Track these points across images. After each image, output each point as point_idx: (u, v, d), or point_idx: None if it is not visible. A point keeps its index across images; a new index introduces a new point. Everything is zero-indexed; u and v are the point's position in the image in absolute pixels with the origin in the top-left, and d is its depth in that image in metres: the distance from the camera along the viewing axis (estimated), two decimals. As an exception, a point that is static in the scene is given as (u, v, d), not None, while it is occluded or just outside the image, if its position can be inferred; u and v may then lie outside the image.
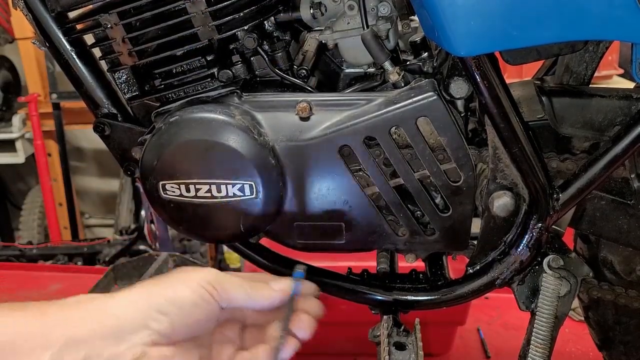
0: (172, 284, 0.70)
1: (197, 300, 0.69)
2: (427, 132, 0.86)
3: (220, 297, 0.71)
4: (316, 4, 0.93)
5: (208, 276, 0.71)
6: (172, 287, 0.69)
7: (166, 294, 0.68)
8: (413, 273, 1.02)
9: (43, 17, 0.91)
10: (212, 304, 0.70)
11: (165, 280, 0.71)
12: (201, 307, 0.69)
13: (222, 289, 0.71)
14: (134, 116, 0.98)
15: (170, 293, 0.68)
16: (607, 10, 0.72)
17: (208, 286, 0.70)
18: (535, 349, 0.89)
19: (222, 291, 0.71)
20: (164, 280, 0.70)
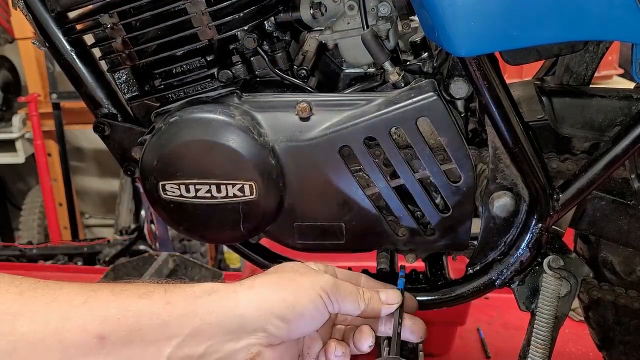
0: (295, 290, 0.70)
1: (314, 311, 0.70)
2: (427, 133, 0.86)
3: (333, 308, 0.72)
4: (316, 4, 0.93)
5: (326, 285, 0.72)
6: (294, 294, 0.70)
7: (287, 300, 0.69)
8: (413, 273, 1.02)
9: (43, 17, 0.91)
10: (326, 315, 0.72)
11: (288, 282, 0.71)
12: (316, 317, 0.71)
13: (337, 299, 0.72)
14: (134, 116, 0.98)
15: (291, 300, 0.69)
16: (607, 10, 0.72)
17: (325, 296, 0.71)
18: (535, 349, 0.89)
19: (336, 302, 0.72)
20: (287, 282, 0.71)
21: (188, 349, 0.65)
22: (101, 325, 0.61)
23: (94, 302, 0.63)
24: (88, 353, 0.60)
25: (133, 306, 0.64)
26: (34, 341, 0.59)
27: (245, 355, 0.67)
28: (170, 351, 0.64)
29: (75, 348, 0.60)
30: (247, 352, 0.67)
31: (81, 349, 0.60)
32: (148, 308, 0.64)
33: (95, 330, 0.61)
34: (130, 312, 0.63)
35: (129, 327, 0.62)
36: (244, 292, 0.69)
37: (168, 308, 0.65)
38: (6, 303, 0.60)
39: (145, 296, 0.65)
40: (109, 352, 0.61)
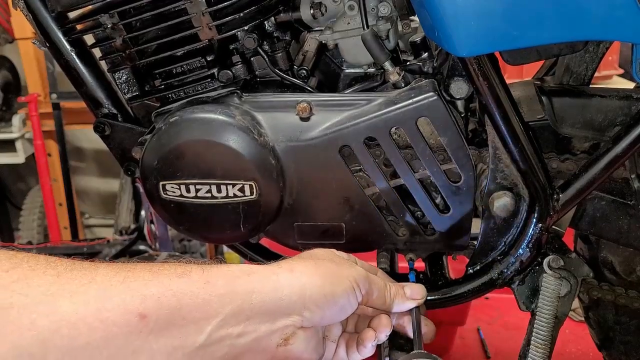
0: (332, 279, 0.72)
1: (346, 302, 0.72)
2: (428, 133, 0.86)
3: (363, 301, 0.74)
4: (316, 4, 0.93)
5: (360, 278, 0.74)
6: (332, 284, 0.71)
7: (325, 289, 0.70)
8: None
9: (43, 17, 0.91)
10: (355, 306, 0.73)
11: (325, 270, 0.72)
12: (347, 308, 0.72)
13: (367, 293, 0.74)
14: (134, 116, 0.98)
15: (328, 289, 0.70)
16: (607, 10, 0.72)
17: (358, 289, 0.73)
18: (535, 350, 0.89)
19: (367, 295, 0.74)
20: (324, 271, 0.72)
21: (227, 328, 0.65)
22: (142, 304, 0.61)
23: (132, 282, 0.63)
24: (130, 332, 0.60)
25: (173, 285, 0.64)
26: (75, 320, 0.58)
27: (280, 336, 0.69)
28: (210, 329, 0.64)
29: (117, 327, 0.60)
30: (282, 334, 0.69)
31: (123, 328, 0.60)
32: (188, 287, 0.64)
33: (137, 309, 0.61)
34: (171, 291, 0.63)
35: (170, 306, 0.62)
36: (284, 274, 0.70)
37: (207, 287, 0.65)
38: (45, 285, 0.60)
39: (184, 275, 0.65)
40: (152, 330, 0.61)
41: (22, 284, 0.59)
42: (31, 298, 0.58)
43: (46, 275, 0.61)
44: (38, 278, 0.60)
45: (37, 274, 0.61)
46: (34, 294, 0.58)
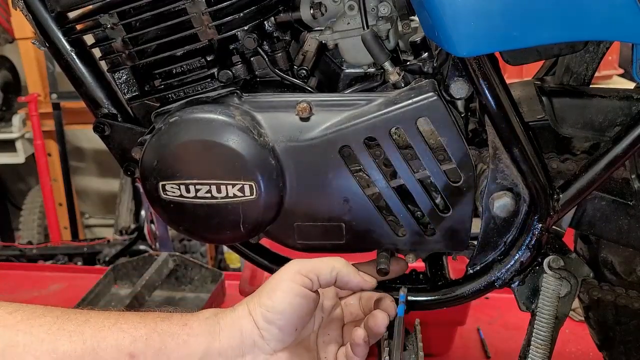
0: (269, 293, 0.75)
1: (292, 299, 0.74)
2: (427, 133, 0.86)
3: (312, 285, 0.76)
4: (316, 4, 0.93)
5: (296, 267, 0.77)
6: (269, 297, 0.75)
7: (266, 304, 0.74)
8: (413, 273, 1.02)
9: (43, 17, 0.91)
10: (310, 295, 0.75)
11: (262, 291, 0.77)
12: (299, 303, 0.74)
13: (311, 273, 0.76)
14: (134, 116, 0.98)
15: (268, 303, 0.74)
16: (607, 10, 0.72)
17: (299, 278, 0.75)
18: (535, 350, 0.89)
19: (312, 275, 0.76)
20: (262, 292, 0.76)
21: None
22: (132, 345, 0.68)
23: (123, 324, 0.69)
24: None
25: (158, 327, 0.70)
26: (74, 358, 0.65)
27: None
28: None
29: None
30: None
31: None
32: (170, 328, 0.71)
33: (127, 349, 0.67)
34: (156, 332, 0.69)
35: (156, 347, 0.69)
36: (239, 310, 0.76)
37: (186, 329, 0.72)
38: (46, 325, 0.66)
39: (166, 319, 0.72)
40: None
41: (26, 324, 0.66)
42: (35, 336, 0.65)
43: (46, 317, 0.67)
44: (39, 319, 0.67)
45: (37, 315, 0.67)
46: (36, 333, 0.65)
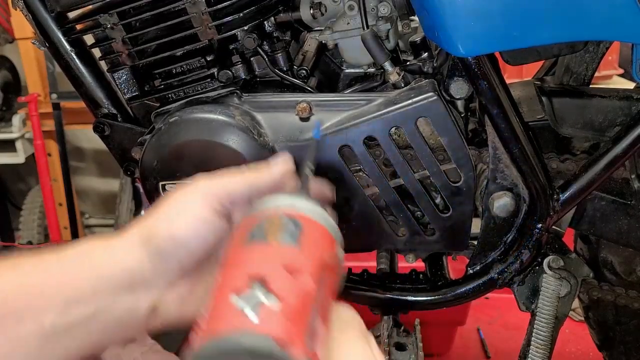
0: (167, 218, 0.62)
1: (199, 227, 0.61)
2: (427, 133, 0.86)
3: (222, 207, 0.62)
4: (316, 4, 0.93)
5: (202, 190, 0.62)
6: (168, 223, 0.61)
7: (163, 235, 0.61)
8: (413, 273, 1.02)
9: (43, 17, 0.91)
10: (216, 223, 0.61)
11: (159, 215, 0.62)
12: (206, 231, 0.61)
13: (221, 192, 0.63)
14: (134, 116, 0.98)
15: (166, 233, 0.61)
16: (607, 10, 0.72)
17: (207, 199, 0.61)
18: (535, 350, 0.89)
19: (222, 194, 0.62)
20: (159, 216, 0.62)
21: (73, 315, 0.59)
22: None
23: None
24: None
25: None
26: None
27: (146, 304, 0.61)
28: (51, 321, 0.58)
29: None
30: (147, 302, 0.61)
31: None
32: (16, 280, 0.59)
33: None
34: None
35: None
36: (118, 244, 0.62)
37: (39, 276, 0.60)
38: None
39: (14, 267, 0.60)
40: None
41: None
42: None
43: None
44: None
45: None
46: None
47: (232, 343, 0.37)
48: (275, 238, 0.45)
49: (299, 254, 0.44)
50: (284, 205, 0.50)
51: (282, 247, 0.45)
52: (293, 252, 0.44)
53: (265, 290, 0.40)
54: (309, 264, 0.44)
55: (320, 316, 0.42)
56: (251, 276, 0.41)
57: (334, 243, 0.49)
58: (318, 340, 0.41)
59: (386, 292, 0.98)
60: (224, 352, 0.37)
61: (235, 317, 0.39)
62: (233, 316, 0.39)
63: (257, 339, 0.37)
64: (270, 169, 0.67)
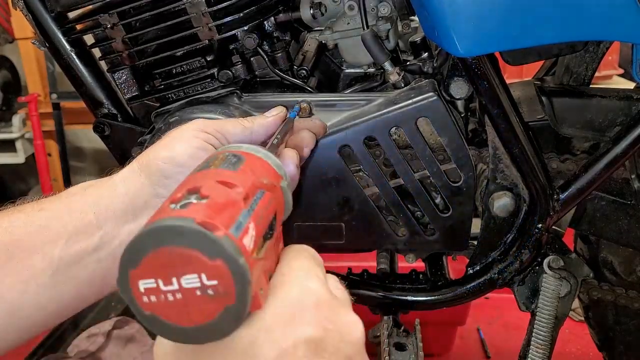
0: (166, 145, 0.66)
1: (195, 152, 0.64)
2: (427, 133, 0.86)
3: (218, 142, 0.67)
4: (316, 4, 0.93)
5: (197, 125, 0.67)
6: (166, 148, 0.65)
7: (162, 156, 0.64)
8: (413, 273, 1.02)
9: (43, 17, 0.91)
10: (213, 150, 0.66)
11: (158, 144, 0.67)
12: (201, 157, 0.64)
13: (215, 130, 0.67)
14: (134, 116, 0.98)
15: (165, 154, 0.64)
16: (607, 10, 0.72)
17: (201, 134, 0.66)
18: (535, 350, 0.89)
19: (216, 133, 0.67)
20: (157, 145, 0.67)
21: (79, 244, 0.62)
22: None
23: None
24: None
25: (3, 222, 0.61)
26: None
27: None
28: (59, 252, 0.61)
29: None
30: None
31: None
32: (20, 220, 0.61)
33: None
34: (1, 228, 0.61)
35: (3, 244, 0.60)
36: (118, 175, 0.66)
37: (42, 214, 0.62)
38: None
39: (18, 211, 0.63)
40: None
41: None
42: None
43: None
44: None
45: None
46: None
47: (155, 225, 0.40)
48: (215, 166, 0.50)
49: (235, 174, 0.49)
50: (234, 147, 0.56)
51: (219, 170, 0.49)
52: (229, 173, 0.49)
53: (198, 196, 0.44)
54: (244, 182, 0.47)
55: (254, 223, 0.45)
56: (188, 189, 0.45)
57: (276, 175, 0.54)
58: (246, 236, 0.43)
59: (386, 292, 0.98)
60: (148, 234, 0.40)
61: (166, 212, 0.42)
62: (165, 212, 0.42)
63: (178, 220, 0.40)
64: (263, 118, 0.74)
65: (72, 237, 0.62)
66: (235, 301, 0.41)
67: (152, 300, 0.41)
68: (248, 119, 0.72)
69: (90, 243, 0.62)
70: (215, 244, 0.40)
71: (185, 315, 0.41)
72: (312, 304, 0.46)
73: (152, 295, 0.41)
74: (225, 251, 0.40)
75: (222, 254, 0.40)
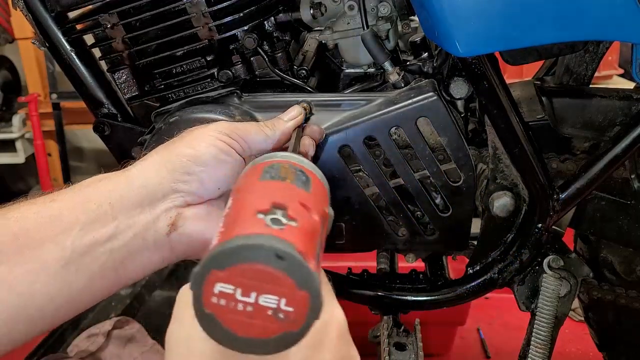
0: (190, 142, 0.66)
1: (218, 153, 0.65)
2: (427, 133, 0.86)
3: (240, 147, 0.68)
4: (316, 4, 0.93)
5: (221, 128, 0.68)
6: (190, 146, 0.66)
7: (186, 153, 0.65)
8: (413, 273, 1.02)
9: (43, 17, 0.91)
10: (234, 156, 0.67)
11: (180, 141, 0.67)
12: (224, 160, 0.66)
13: (239, 137, 0.68)
14: (134, 116, 0.98)
15: (190, 152, 0.65)
16: (607, 10, 0.72)
17: (225, 137, 0.67)
18: (535, 350, 0.89)
19: (240, 140, 0.68)
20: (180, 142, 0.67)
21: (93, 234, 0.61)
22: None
23: None
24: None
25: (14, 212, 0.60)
26: None
27: (166, 221, 0.64)
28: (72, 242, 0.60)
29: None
30: (167, 218, 0.64)
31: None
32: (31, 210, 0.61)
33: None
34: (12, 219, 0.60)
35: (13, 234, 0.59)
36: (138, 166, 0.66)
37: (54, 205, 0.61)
38: None
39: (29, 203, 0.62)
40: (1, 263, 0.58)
41: None
42: None
43: None
44: None
45: None
46: None
47: (258, 240, 0.41)
48: (291, 180, 0.51)
49: (309, 196, 0.50)
50: (294, 159, 0.56)
51: (298, 188, 0.50)
52: (307, 194, 0.50)
53: (286, 214, 0.44)
54: (317, 207, 0.49)
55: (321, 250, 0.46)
56: (273, 203, 0.45)
57: (328, 202, 0.55)
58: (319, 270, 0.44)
59: (386, 292, 0.98)
60: (248, 247, 0.40)
61: (260, 226, 0.43)
62: (258, 224, 0.43)
63: (281, 242, 0.41)
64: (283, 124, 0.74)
65: (85, 227, 0.61)
66: (298, 330, 0.42)
67: (220, 303, 0.41)
68: (269, 125, 0.72)
69: (104, 233, 0.62)
70: (309, 277, 0.41)
71: (244, 326, 0.41)
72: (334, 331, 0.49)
73: (223, 299, 0.41)
74: (313, 285, 0.41)
75: (310, 287, 0.41)
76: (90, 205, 0.62)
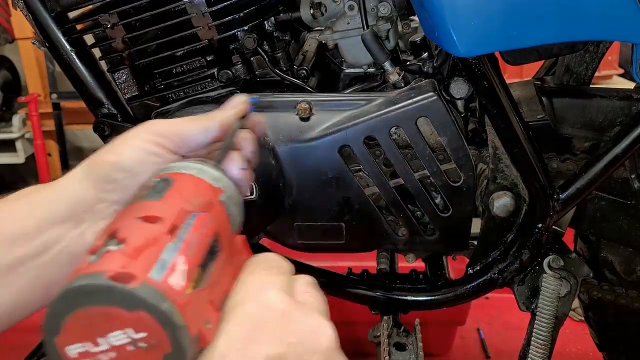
0: (113, 148, 0.62)
1: (145, 157, 0.61)
2: (427, 132, 0.86)
3: (174, 145, 0.63)
4: (316, 4, 0.93)
5: (153, 128, 0.63)
6: (114, 152, 0.62)
7: (108, 160, 0.61)
8: (413, 273, 1.02)
9: (43, 17, 0.91)
10: (165, 156, 0.62)
11: (105, 148, 0.63)
12: (153, 162, 0.61)
13: (173, 133, 0.63)
14: (134, 116, 0.98)
15: (112, 158, 0.61)
16: (607, 10, 0.72)
17: (155, 138, 0.62)
18: (535, 349, 0.89)
19: (174, 136, 0.63)
20: (105, 150, 0.63)
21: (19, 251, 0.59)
22: None
23: None
24: None
25: None
26: None
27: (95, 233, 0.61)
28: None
29: None
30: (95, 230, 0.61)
31: None
32: None
33: None
34: None
35: None
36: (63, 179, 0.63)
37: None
38: None
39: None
40: None
41: None
42: None
43: None
44: None
45: None
46: None
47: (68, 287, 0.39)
48: (140, 199, 0.49)
49: (158, 203, 0.47)
50: (164, 168, 0.55)
51: (142, 203, 0.48)
52: (152, 204, 0.47)
53: (115, 240, 0.42)
54: (169, 211, 0.46)
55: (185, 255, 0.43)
56: (109, 233, 0.44)
57: (212, 190, 0.52)
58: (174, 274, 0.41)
59: (386, 292, 0.98)
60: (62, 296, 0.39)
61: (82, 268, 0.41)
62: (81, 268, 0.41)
63: (88, 277, 0.39)
64: (222, 114, 0.68)
65: (10, 244, 0.59)
66: (171, 349, 0.39)
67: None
68: (209, 117, 0.67)
69: (31, 249, 0.60)
70: (132, 296, 0.38)
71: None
72: (269, 319, 0.45)
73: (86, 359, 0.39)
74: (144, 301, 0.38)
75: (141, 305, 0.38)
76: (17, 221, 0.60)
